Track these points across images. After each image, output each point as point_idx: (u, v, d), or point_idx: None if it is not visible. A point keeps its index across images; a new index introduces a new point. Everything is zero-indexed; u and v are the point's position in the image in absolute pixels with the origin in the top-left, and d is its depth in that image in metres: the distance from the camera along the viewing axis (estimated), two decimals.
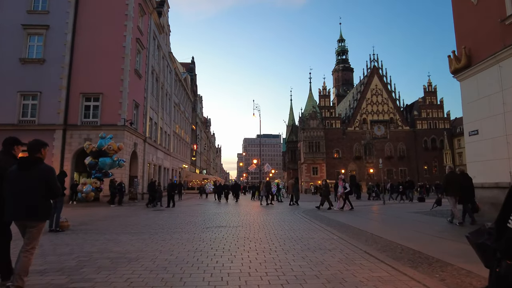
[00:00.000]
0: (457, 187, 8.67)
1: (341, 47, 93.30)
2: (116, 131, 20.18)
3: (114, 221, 9.90)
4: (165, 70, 32.76)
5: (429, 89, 59.09)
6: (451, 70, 10.03)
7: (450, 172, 9.28)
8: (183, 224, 8.97)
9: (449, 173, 9.25)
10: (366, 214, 12.29)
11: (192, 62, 57.04)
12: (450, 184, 8.86)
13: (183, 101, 44.82)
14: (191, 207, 16.99)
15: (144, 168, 24.64)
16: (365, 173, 58.28)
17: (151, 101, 26.98)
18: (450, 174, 9.20)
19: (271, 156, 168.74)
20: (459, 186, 8.67)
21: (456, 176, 9.15)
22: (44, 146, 3.43)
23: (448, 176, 9.19)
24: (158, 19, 28.72)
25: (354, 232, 7.28)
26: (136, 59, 22.98)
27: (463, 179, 8.90)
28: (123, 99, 20.71)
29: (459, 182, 8.76)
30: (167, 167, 33.61)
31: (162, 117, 30.94)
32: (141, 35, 23.86)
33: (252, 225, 8.73)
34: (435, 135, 58.02)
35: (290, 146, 71.21)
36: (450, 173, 9.26)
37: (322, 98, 60.34)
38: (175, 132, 37.95)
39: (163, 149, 31.30)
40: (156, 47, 29.09)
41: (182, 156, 42.85)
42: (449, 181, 8.96)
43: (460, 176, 9.12)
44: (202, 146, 68.11)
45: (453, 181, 8.85)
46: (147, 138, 25.24)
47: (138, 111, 23.58)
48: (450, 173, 9.24)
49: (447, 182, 9.04)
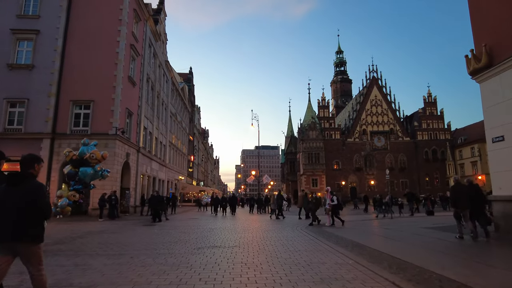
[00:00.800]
0: (466, 199, 8.11)
1: (339, 58, 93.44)
2: (107, 140, 19.18)
3: (95, 239, 8.76)
4: (161, 79, 31.93)
5: (429, 99, 58.55)
6: (469, 71, 9.11)
7: (457, 183, 8.69)
8: (171, 243, 7.83)
9: (456, 184, 8.66)
10: (377, 230, 11.17)
11: (190, 72, 56.45)
12: (458, 196, 8.32)
13: (180, 111, 43.92)
14: (185, 222, 15.80)
15: (137, 180, 23.47)
16: (366, 185, 57.15)
17: (146, 110, 26.02)
18: (457, 186, 8.61)
19: (270, 168, 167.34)
20: (467, 198, 8.10)
21: (464, 187, 8.58)
22: (38, 161, 3.20)
23: (455, 187, 8.63)
24: (155, 27, 28.04)
25: (371, 254, 6.18)
26: (130, 66, 22.11)
27: (471, 191, 8.36)
28: (115, 107, 19.72)
29: (468, 194, 8.21)
30: (162, 179, 32.40)
31: (157, 127, 29.93)
32: (136, 42, 23.07)
33: (250, 244, 7.61)
34: (436, 146, 57.19)
35: (289, 157, 70.16)
36: (457, 184, 8.67)
37: (321, 108, 59.65)
38: (171, 143, 36.89)
39: (158, 160, 30.18)
40: (152, 55, 28.31)
41: (178, 167, 41.66)
42: (457, 193, 8.40)
43: (469, 187, 8.57)
44: (199, 157, 66.96)
45: (461, 192, 8.31)
46: (141, 148, 24.16)
47: (132, 120, 22.58)
48: (456, 184, 8.65)
49: (455, 194, 8.46)
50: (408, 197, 21.16)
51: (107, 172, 9.10)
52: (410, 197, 21.23)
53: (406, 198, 21.19)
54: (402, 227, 11.75)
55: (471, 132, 56.17)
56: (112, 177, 19.11)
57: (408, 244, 7.69)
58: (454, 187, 8.69)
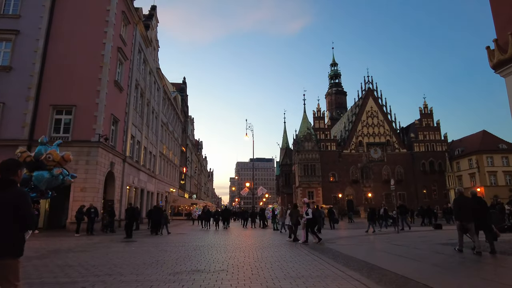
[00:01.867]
0: (470, 211, 7.74)
1: (333, 71, 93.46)
2: (89, 148, 17.74)
3: (55, 260, 7.28)
4: (152, 86, 30.70)
5: (425, 111, 58.06)
6: (491, 64, 8.01)
7: (460, 195, 8.29)
8: (144, 266, 6.39)
9: (459, 197, 8.25)
10: (387, 247, 9.80)
11: (184, 82, 55.42)
12: (461, 208, 7.94)
13: (172, 121, 42.57)
14: (170, 237, 14.25)
15: (122, 191, 21.88)
16: (363, 197, 55.88)
17: (134, 117, 24.65)
18: (460, 198, 8.20)
19: (265, 180, 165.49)
20: (471, 211, 7.74)
21: (468, 199, 8.16)
22: (21, 167, 3.02)
23: (459, 200, 8.18)
24: (145, 32, 26.97)
25: (394, 280, 4.83)
26: (117, 70, 20.86)
27: (475, 203, 7.96)
28: (99, 113, 18.34)
29: (471, 206, 7.82)
30: (151, 191, 30.76)
31: (146, 136, 28.51)
32: (123, 45, 21.89)
33: (241, 268, 6.20)
34: (433, 158, 56.35)
35: (284, 169, 68.82)
36: (460, 196, 8.27)
37: (317, 120, 58.78)
38: (162, 153, 35.38)
39: (147, 170, 28.63)
40: (142, 61, 27.15)
41: (169, 179, 40.01)
42: (460, 205, 8.01)
43: (472, 199, 8.15)
44: (192, 169, 65.26)
45: (465, 205, 7.91)
46: (127, 157, 22.67)
47: (117, 127, 21.17)
48: (460, 197, 8.25)
49: (458, 206, 8.06)
50: (401, 210, 19.28)
51: (70, 177, 7.66)
52: (403, 210, 19.41)
53: (398, 211, 18.92)
54: (414, 243, 10.41)
55: (467, 144, 55.58)
56: (94, 188, 17.66)
57: (434, 266, 6.34)
58: (458, 199, 8.23)
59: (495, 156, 50.00)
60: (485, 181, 49.22)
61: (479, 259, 7.06)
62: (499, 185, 49.00)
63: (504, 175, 49.44)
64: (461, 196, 8.27)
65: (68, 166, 17.64)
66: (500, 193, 48.34)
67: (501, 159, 49.99)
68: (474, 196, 8.33)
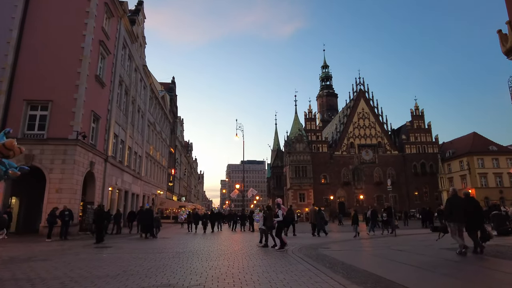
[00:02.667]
0: (462, 212, 7.64)
1: (325, 73, 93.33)
2: (66, 146, 16.54)
3: (3, 272, 6.15)
4: (137, 84, 29.48)
5: (416, 112, 58.00)
6: (504, 49, 7.21)
7: (454, 196, 8.13)
8: (105, 280, 5.32)
9: (453, 197, 8.10)
10: (389, 253, 8.90)
11: (173, 82, 54.15)
12: (454, 209, 7.80)
13: (160, 121, 41.29)
14: (151, 242, 13.12)
15: (104, 193, 20.61)
16: (354, 199, 55.33)
17: (117, 115, 23.43)
18: (454, 198, 8.05)
19: (256, 183, 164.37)
20: (464, 211, 7.63)
21: (462, 200, 8.03)
22: None
23: (452, 200, 8.02)
24: (130, 27, 25.79)
25: None
26: (98, 64, 19.67)
27: (468, 203, 7.82)
28: (77, 108, 17.12)
29: (464, 207, 7.71)
30: (136, 193, 29.47)
31: (131, 135, 27.26)
32: (106, 39, 20.71)
33: (222, 281, 5.19)
34: (424, 160, 56.20)
35: (275, 171, 67.95)
36: (454, 196, 8.11)
37: (308, 121, 58.15)
38: (148, 154, 34.11)
39: (131, 171, 27.36)
40: (127, 56, 25.95)
41: (156, 181, 38.69)
42: (453, 205, 7.87)
43: (465, 200, 8.00)
44: (181, 171, 63.86)
45: (458, 205, 7.80)
46: (109, 157, 21.43)
47: (99, 125, 19.94)
48: (453, 197, 8.09)
49: (451, 206, 7.90)
50: (389, 212, 18.14)
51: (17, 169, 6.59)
52: (390, 212, 18.18)
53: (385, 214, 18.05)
54: (416, 248, 9.55)
55: (458, 146, 55.60)
56: (70, 189, 16.43)
57: (449, 277, 5.43)
58: (451, 199, 8.05)
59: (486, 158, 50.04)
60: (476, 183, 49.16)
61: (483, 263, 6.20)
62: (490, 186, 48.99)
63: (495, 176, 49.47)
64: (455, 196, 8.09)
65: (43, 165, 16.49)
66: (491, 195, 48.33)
67: (491, 161, 50.05)
68: (467, 196, 8.15)
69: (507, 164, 49.90)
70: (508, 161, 50.05)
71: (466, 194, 8.30)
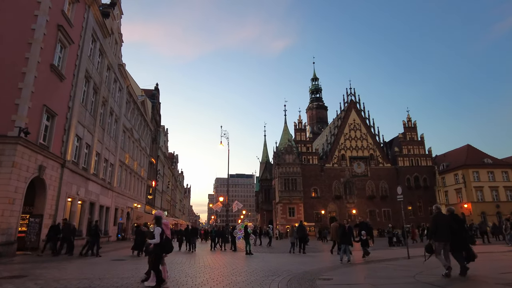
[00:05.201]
0: (447, 230, 7.37)
1: (314, 85, 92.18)
2: (3, 145, 13.43)
3: None
4: (111, 84, 26.59)
5: (409, 124, 56.37)
6: None
7: (438, 213, 7.98)
8: None
9: (437, 214, 7.94)
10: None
11: (156, 88, 51.31)
12: (439, 227, 7.57)
13: (139, 128, 38.23)
14: (94, 266, 10.01)
15: (58, 204, 17.36)
16: (346, 214, 52.44)
17: (82, 114, 20.44)
18: (438, 215, 7.89)
19: (244, 197, 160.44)
20: (449, 230, 7.36)
21: (447, 217, 7.81)
22: None
23: (437, 217, 7.84)
24: (102, 18, 23.11)
25: None
26: (55, 52, 16.81)
27: (453, 221, 7.59)
28: (22, 100, 14.13)
29: (449, 224, 7.46)
30: (107, 205, 26.13)
31: (100, 140, 24.17)
32: (68, 25, 17.95)
33: None
34: (418, 173, 54.20)
35: (264, 184, 64.99)
36: (438, 214, 7.96)
37: (298, 131, 55.85)
38: (123, 163, 30.90)
39: (100, 181, 24.13)
40: (97, 51, 23.16)
41: (133, 193, 35.30)
42: (438, 223, 7.64)
43: (450, 217, 7.77)
44: (164, 184, 60.26)
45: (443, 223, 7.57)
46: (68, 162, 18.30)
47: (54, 123, 16.91)
48: (438, 214, 7.94)
49: (436, 225, 7.68)
50: (362, 228, 13.92)
51: None
52: (364, 228, 13.84)
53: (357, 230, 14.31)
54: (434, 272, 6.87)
55: (452, 159, 53.95)
56: (5, 197, 13.16)
57: None
58: (436, 217, 7.85)
59: (481, 171, 48.33)
60: (472, 197, 47.19)
61: None
62: (486, 201, 47.08)
63: (491, 190, 47.66)
64: (439, 214, 7.91)
65: None
66: (488, 210, 46.41)
67: (487, 174, 48.34)
68: (451, 213, 7.92)
69: (502, 178, 48.28)
70: (503, 174, 48.44)
71: (450, 211, 8.04)
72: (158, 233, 6.51)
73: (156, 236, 6.49)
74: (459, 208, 48.11)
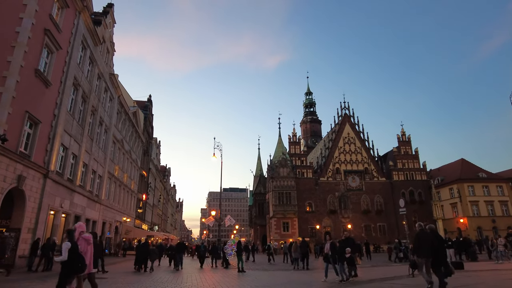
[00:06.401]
0: (429, 247, 7.73)
1: (308, 99, 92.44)
2: None
3: None
4: (101, 93, 25.87)
5: (403, 138, 56.28)
6: None
7: (421, 230, 8.25)
8: None
9: (420, 231, 8.23)
10: None
11: (149, 100, 50.69)
12: (421, 244, 7.92)
13: (130, 140, 37.32)
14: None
15: (39, 217, 16.30)
16: (341, 229, 51.40)
17: (69, 123, 19.61)
18: (421, 233, 8.16)
19: (238, 212, 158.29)
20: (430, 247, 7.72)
21: (428, 234, 8.05)
22: None
23: (420, 235, 8.13)
24: (93, 26, 22.60)
25: None
26: (41, 57, 16.13)
27: (434, 239, 7.90)
28: (1, 105, 13.34)
29: (431, 241, 7.79)
30: (93, 219, 24.97)
31: (88, 150, 23.26)
32: (57, 31, 17.36)
33: None
34: (412, 187, 53.72)
35: (258, 198, 63.85)
36: (421, 231, 8.23)
37: (292, 145, 55.31)
38: (112, 175, 29.86)
39: (86, 193, 23.08)
40: (87, 59, 22.54)
41: (122, 207, 34.10)
42: (421, 240, 7.98)
43: (432, 235, 8.05)
44: (156, 197, 58.87)
45: (425, 240, 7.89)
46: (51, 172, 17.33)
47: (37, 131, 16.05)
48: (420, 231, 8.21)
49: (419, 241, 8.02)
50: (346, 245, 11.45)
51: None
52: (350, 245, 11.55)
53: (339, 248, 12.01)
54: None
55: (447, 173, 53.72)
56: None
57: None
58: (419, 234, 8.22)
59: (476, 185, 48.05)
60: (468, 211, 46.71)
61: None
62: (482, 215, 46.61)
63: (486, 205, 47.27)
64: (422, 231, 8.22)
65: None
66: (483, 224, 45.93)
67: (482, 188, 48.05)
68: (432, 230, 8.26)
69: (497, 192, 48.03)
70: (498, 189, 48.21)
71: (431, 228, 8.34)
72: (65, 249, 5.46)
73: (64, 252, 5.40)
74: (455, 223, 47.52)
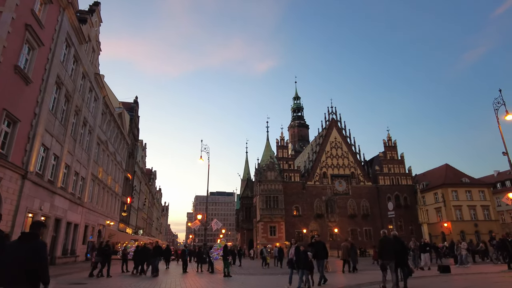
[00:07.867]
0: (392, 251, 8.83)
1: (296, 104, 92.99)
2: None
3: None
4: (85, 93, 25.19)
5: (389, 143, 57.05)
6: None
7: (384, 237, 9.46)
8: None
9: (384, 238, 9.40)
10: None
11: (135, 102, 49.86)
12: (385, 248, 9.02)
13: (115, 142, 36.51)
14: None
15: (16, 220, 15.57)
16: (328, 233, 51.63)
17: (50, 123, 18.94)
18: (384, 239, 9.34)
19: (225, 216, 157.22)
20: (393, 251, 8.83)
21: (391, 240, 9.25)
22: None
23: (383, 240, 9.28)
24: (78, 23, 22.01)
25: None
26: (21, 53, 15.52)
27: (397, 244, 9.05)
28: None
29: (393, 246, 8.93)
30: (75, 222, 24.14)
31: (71, 151, 22.54)
32: (38, 26, 16.76)
33: None
34: (398, 192, 54.39)
35: (245, 202, 63.53)
36: (384, 237, 9.42)
37: (280, 149, 55.32)
38: (96, 177, 29.05)
39: (68, 195, 22.31)
40: (71, 58, 21.90)
41: (106, 210, 33.21)
42: (385, 245, 9.07)
43: (394, 240, 9.25)
44: (141, 201, 57.78)
45: (388, 245, 9.02)
46: (30, 173, 16.63)
47: (16, 130, 15.38)
48: (384, 238, 9.40)
49: (382, 246, 9.13)
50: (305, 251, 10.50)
51: None
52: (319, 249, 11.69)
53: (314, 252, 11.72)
54: None
55: (432, 178, 54.66)
56: None
57: None
58: (383, 240, 9.31)
59: (460, 190, 49.05)
60: (452, 216, 47.58)
61: None
62: (465, 219, 47.54)
63: (469, 209, 48.27)
64: (385, 237, 9.36)
65: None
66: (466, 229, 46.80)
67: (465, 193, 49.08)
68: (395, 236, 9.45)
69: (479, 197, 49.12)
70: (480, 194, 49.30)
71: (394, 235, 9.52)
72: None
73: None
74: (439, 227, 48.29)
